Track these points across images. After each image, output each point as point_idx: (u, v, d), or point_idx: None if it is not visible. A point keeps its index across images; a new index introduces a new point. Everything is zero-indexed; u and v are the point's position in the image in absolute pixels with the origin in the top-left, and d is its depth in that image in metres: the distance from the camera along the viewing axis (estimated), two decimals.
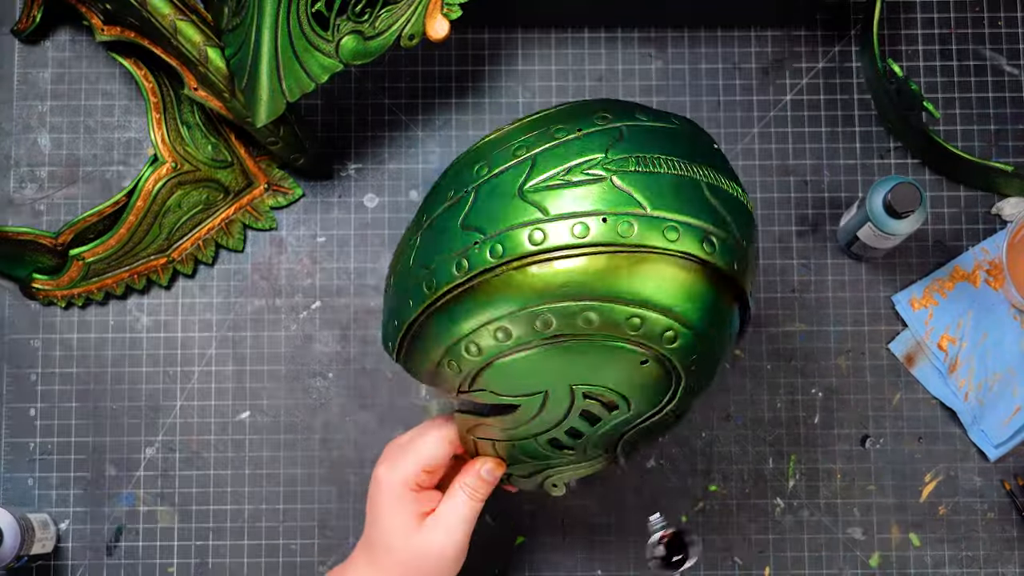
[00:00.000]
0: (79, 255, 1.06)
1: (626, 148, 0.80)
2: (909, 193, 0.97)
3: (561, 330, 0.79)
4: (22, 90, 1.10)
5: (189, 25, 0.99)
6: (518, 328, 0.80)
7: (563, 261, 0.78)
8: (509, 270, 0.79)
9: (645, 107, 0.85)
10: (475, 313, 0.80)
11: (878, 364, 1.08)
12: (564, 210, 0.79)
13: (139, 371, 1.08)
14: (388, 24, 0.99)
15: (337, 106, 1.11)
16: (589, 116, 0.82)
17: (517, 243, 0.78)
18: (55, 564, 1.05)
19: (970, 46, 1.11)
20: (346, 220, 1.09)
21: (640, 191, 0.79)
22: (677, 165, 0.80)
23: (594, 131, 0.81)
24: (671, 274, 0.79)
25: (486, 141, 0.84)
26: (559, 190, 0.79)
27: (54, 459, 1.06)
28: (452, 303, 0.81)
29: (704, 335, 0.81)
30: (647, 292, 0.79)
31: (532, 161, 0.80)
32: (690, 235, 0.79)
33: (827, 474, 1.06)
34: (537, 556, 1.06)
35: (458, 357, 0.82)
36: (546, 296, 0.79)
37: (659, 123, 0.82)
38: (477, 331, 0.80)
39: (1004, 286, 1.07)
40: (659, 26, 1.11)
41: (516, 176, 0.80)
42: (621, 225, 0.78)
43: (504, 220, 0.79)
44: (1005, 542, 1.06)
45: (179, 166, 1.07)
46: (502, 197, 0.80)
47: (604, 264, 0.78)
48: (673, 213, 0.79)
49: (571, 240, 0.78)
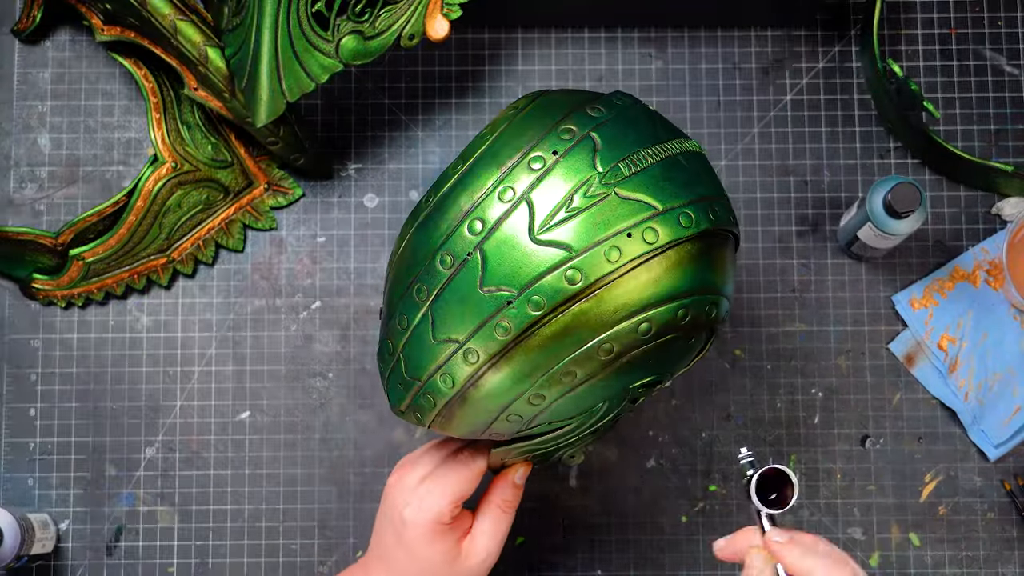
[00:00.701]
0: (79, 255, 1.06)
1: (608, 156, 0.80)
2: (909, 193, 0.97)
3: (621, 351, 0.79)
4: (22, 90, 1.10)
5: (189, 25, 0.99)
6: (582, 367, 0.79)
7: (617, 286, 0.78)
8: (555, 316, 0.78)
9: (579, 93, 0.85)
10: (531, 368, 0.79)
11: (878, 364, 1.08)
12: (588, 241, 0.78)
13: (139, 371, 1.08)
14: (388, 24, 0.99)
15: (337, 106, 1.11)
16: (551, 133, 0.81)
17: (556, 289, 0.78)
18: (55, 564, 1.05)
19: (970, 46, 1.11)
20: (346, 220, 1.09)
21: (644, 193, 0.79)
22: (655, 151, 0.81)
23: (570, 149, 0.80)
24: (698, 257, 0.81)
25: (454, 188, 0.81)
26: (568, 222, 0.78)
27: (54, 459, 1.06)
28: (502, 364, 0.79)
29: (729, 289, 0.84)
30: (686, 284, 0.80)
31: (527, 203, 0.79)
32: (698, 213, 0.81)
33: (827, 474, 1.06)
34: (537, 556, 1.06)
35: (519, 410, 0.81)
36: (600, 327, 0.78)
37: (611, 113, 0.82)
38: (539, 383, 0.80)
39: (1004, 286, 1.07)
40: (659, 26, 1.11)
41: (519, 223, 0.79)
42: (647, 233, 0.79)
43: (530, 271, 0.78)
44: (1005, 542, 1.06)
45: (179, 166, 1.07)
46: (515, 249, 0.78)
47: (644, 276, 0.79)
48: (678, 200, 0.80)
49: (608, 267, 0.78)
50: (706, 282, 0.81)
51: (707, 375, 1.07)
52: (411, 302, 0.81)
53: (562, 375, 0.80)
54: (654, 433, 1.07)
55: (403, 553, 0.88)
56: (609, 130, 0.81)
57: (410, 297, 0.81)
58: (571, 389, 0.81)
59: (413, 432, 1.07)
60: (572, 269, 0.78)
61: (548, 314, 0.78)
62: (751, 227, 1.09)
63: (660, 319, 0.79)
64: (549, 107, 0.83)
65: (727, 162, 1.10)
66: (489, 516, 0.90)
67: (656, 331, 0.79)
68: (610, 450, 1.07)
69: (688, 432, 1.07)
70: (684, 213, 0.80)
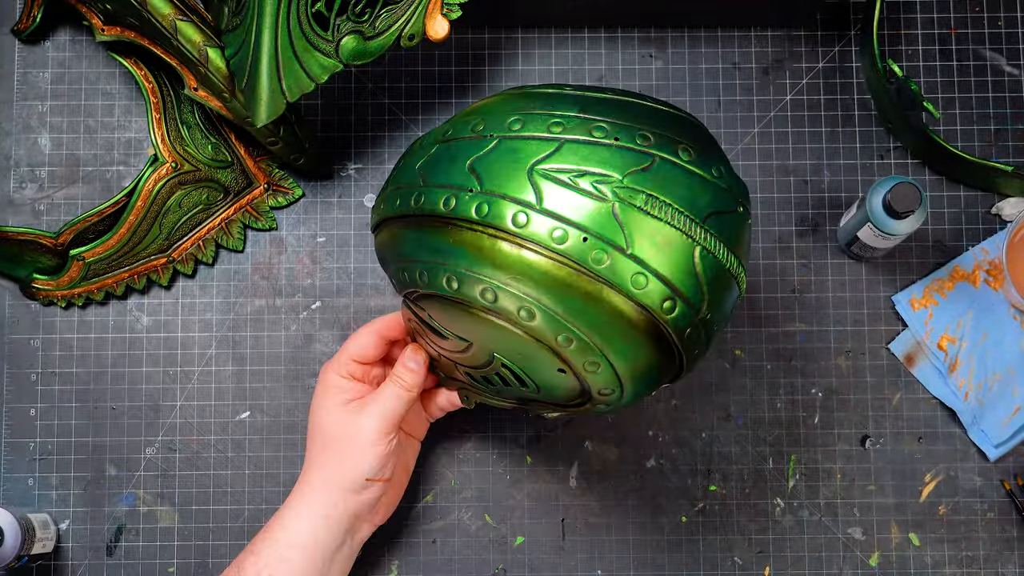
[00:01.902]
0: (79, 255, 1.06)
1: (644, 181, 0.80)
2: (909, 193, 0.97)
3: (502, 309, 0.81)
4: (22, 90, 1.10)
5: (189, 25, 0.99)
6: (466, 287, 0.82)
7: (532, 253, 0.80)
8: (483, 233, 0.80)
9: (701, 139, 0.84)
10: (440, 251, 0.82)
11: (878, 364, 1.08)
12: (556, 209, 0.79)
13: (139, 371, 1.08)
14: (388, 24, 0.99)
15: (337, 106, 1.10)
16: (636, 128, 0.82)
17: (501, 214, 0.80)
18: (55, 564, 1.06)
19: (970, 46, 1.11)
20: (346, 220, 1.09)
21: (632, 230, 0.80)
22: (683, 220, 0.81)
23: (628, 147, 0.81)
24: (622, 316, 0.80)
25: (537, 92, 0.85)
26: (563, 188, 0.80)
27: (54, 459, 1.06)
28: (428, 228, 0.83)
29: (626, 379, 0.83)
30: (592, 321, 0.81)
31: (559, 144, 0.81)
32: (657, 290, 0.80)
33: (827, 474, 1.06)
34: (537, 556, 1.06)
35: (410, 274, 0.85)
36: (502, 275, 0.80)
37: (696, 169, 0.82)
38: (433, 266, 0.83)
39: (1004, 286, 1.07)
40: (659, 26, 1.11)
41: (537, 150, 0.81)
42: (596, 252, 0.79)
43: (502, 186, 0.80)
44: (1005, 542, 1.06)
45: (179, 166, 1.07)
46: (513, 164, 0.81)
47: (565, 277, 0.80)
48: (652, 263, 0.80)
49: (547, 240, 0.79)
50: (606, 340, 0.81)
51: (707, 375, 1.07)
52: (439, 132, 0.86)
53: (449, 277, 0.82)
54: (654, 433, 1.07)
55: (309, 420, 0.97)
56: (670, 173, 0.81)
57: (442, 129, 0.86)
58: (450, 298, 0.84)
59: None
60: (524, 215, 0.79)
61: (479, 224, 0.80)
62: (751, 229, 1.09)
63: (545, 321, 0.81)
64: (669, 120, 0.84)
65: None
66: (385, 386, 0.95)
67: (535, 326, 0.81)
68: (610, 450, 1.07)
69: (688, 432, 1.07)
70: (642, 275, 0.80)
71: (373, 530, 0.99)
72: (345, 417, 0.95)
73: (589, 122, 0.82)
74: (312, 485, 0.96)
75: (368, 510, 0.97)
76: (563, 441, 1.07)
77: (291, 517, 0.95)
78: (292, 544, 0.95)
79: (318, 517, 0.95)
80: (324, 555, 0.95)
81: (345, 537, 0.96)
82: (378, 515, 0.99)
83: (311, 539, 0.95)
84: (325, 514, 0.95)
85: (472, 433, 1.07)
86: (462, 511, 1.06)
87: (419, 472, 1.06)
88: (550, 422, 1.07)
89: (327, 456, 0.95)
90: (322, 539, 0.95)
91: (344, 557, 0.97)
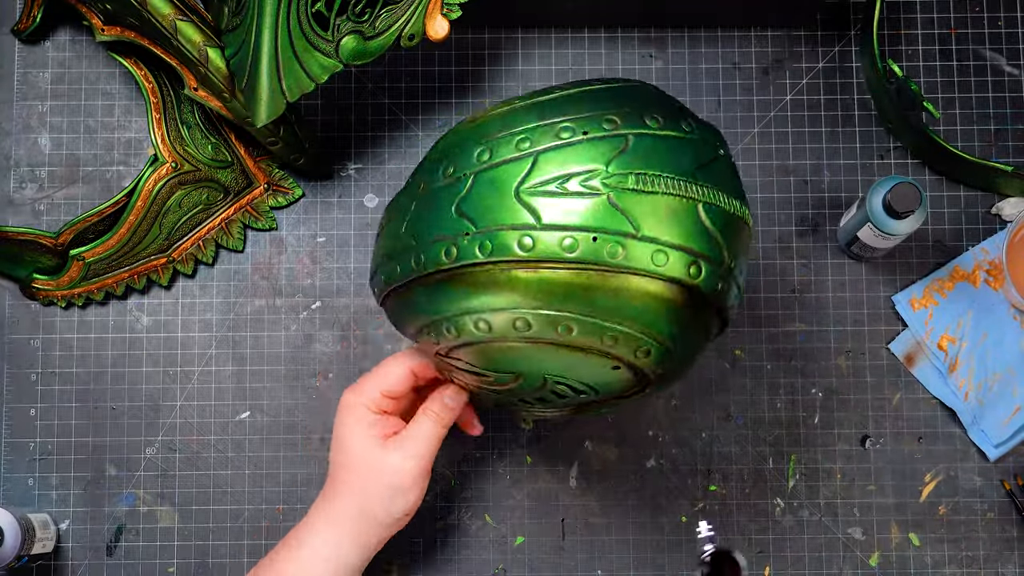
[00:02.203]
0: (79, 255, 1.06)
1: (628, 162, 0.80)
2: (909, 193, 0.97)
3: (539, 335, 0.81)
4: (22, 90, 1.10)
5: (189, 25, 0.99)
6: (498, 324, 0.81)
7: (549, 270, 0.79)
8: (495, 269, 0.80)
9: (660, 101, 0.84)
10: (458, 300, 0.81)
11: (878, 364, 1.08)
12: (557, 220, 0.79)
13: (139, 371, 1.08)
14: (388, 24, 0.99)
15: (337, 106, 1.11)
16: (598, 115, 0.81)
17: (507, 245, 0.79)
18: (55, 564, 1.06)
19: (970, 46, 1.11)
20: (346, 220, 1.09)
21: (634, 212, 0.79)
22: (676, 184, 0.80)
23: (599, 136, 0.81)
24: (654, 297, 0.80)
25: (490, 116, 0.83)
26: (555, 198, 0.79)
27: (54, 459, 1.06)
28: (437, 283, 0.82)
29: (677, 351, 0.83)
30: (628, 312, 0.80)
31: (533, 159, 0.80)
32: (678, 260, 0.80)
33: (827, 474, 1.06)
34: (537, 556, 1.06)
35: (438, 332, 0.84)
36: (528, 300, 0.80)
37: (668, 132, 0.82)
38: (459, 316, 0.82)
39: (1004, 286, 1.07)
40: (659, 26, 1.11)
41: (515, 172, 0.80)
42: (610, 246, 0.79)
43: (497, 218, 0.80)
44: (1005, 542, 1.06)
45: (179, 166, 1.07)
46: (498, 193, 0.80)
47: (588, 281, 0.79)
48: (664, 236, 0.79)
49: (560, 253, 0.79)
50: (648, 324, 0.81)
51: (707, 375, 1.07)
52: (411, 188, 0.86)
53: (478, 321, 0.82)
54: (654, 433, 1.07)
55: (335, 439, 0.94)
56: (647, 144, 0.81)
57: (414, 184, 0.86)
58: (485, 341, 0.82)
59: None
60: (529, 237, 0.79)
61: (488, 263, 0.80)
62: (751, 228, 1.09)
63: (585, 329, 0.80)
64: (622, 96, 0.83)
65: None
66: (416, 421, 0.93)
67: (576, 336, 0.80)
68: (610, 450, 1.07)
69: (688, 432, 1.07)
70: (661, 251, 0.79)
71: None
72: (382, 454, 0.92)
73: (552, 126, 0.81)
74: (344, 512, 0.93)
75: (396, 529, 0.96)
76: (563, 441, 1.07)
77: (316, 538, 0.94)
78: (318, 567, 0.93)
79: (346, 544, 0.94)
80: (348, 573, 0.95)
81: (369, 555, 0.96)
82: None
83: (338, 564, 0.94)
84: (354, 540, 0.94)
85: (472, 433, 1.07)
86: (462, 511, 1.06)
87: None
88: (550, 422, 1.07)
89: (363, 489, 0.93)
90: (352, 562, 0.94)
91: (361, 570, 0.97)
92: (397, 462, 0.92)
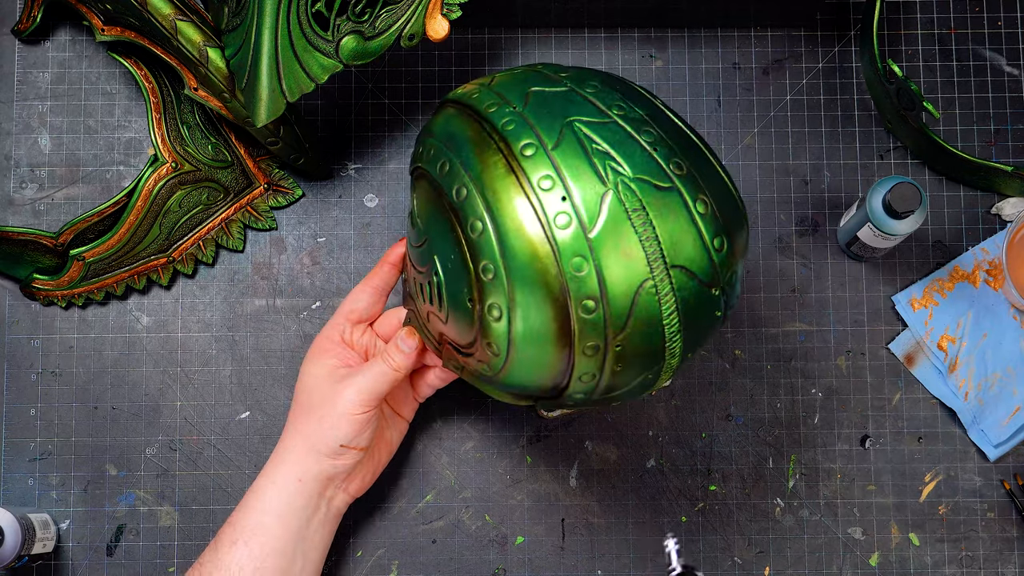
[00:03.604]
0: (79, 255, 1.06)
1: (649, 197, 0.83)
2: (909, 193, 0.97)
3: (466, 212, 0.85)
4: (22, 90, 1.10)
5: (189, 25, 0.99)
6: (449, 177, 0.86)
7: (520, 201, 0.83)
8: (492, 141, 0.85)
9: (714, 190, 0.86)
10: (453, 138, 0.87)
11: (878, 364, 1.08)
12: (560, 162, 0.83)
13: (139, 371, 1.08)
14: (388, 24, 0.99)
15: (337, 106, 1.11)
16: (673, 151, 0.84)
17: (517, 137, 0.84)
18: (55, 564, 1.06)
19: (970, 46, 1.11)
20: (346, 220, 1.09)
21: (617, 236, 0.83)
22: (654, 250, 0.83)
23: (657, 163, 0.83)
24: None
25: (625, 83, 0.88)
26: (578, 149, 0.83)
27: (54, 459, 1.06)
28: (462, 117, 0.87)
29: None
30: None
31: (608, 121, 0.84)
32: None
33: (827, 474, 1.06)
34: (537, 556, 1.06)
35: (425, 149, 0.88)
36: (480, 189, 0.83)
37: (700, 225, 0.84)
38: (440, 150, 0.87)
39: (1004, 286, 1.07)
40: (659, 26, 1.11)
41: (588, 113, 0.84)
42: (577, 260, 0.82)
43: (537, 119, 0.85)
44: (1005, 542, 1.06)
45: (179, 166, 1.07)
46: (561, 109, 0.85)
47: (543, 260, 0.83)
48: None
49: (536, 205, 0.83)
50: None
51: (707, 375, 1.07)
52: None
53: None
54: (654, 433, 1.07)
55: (298, 381, 0.98)
56: (678, 210, 0.83)
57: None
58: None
59: (415, 437, 1.07)
60: (533, 148, 0.82)
61: (496, 134, 0.84)
62: (751, 227, 1.09)
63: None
64: (697, 158, 0.86)
65: (727, 162, 1.10)
66: (371, 360, 0.96)
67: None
68: (610, 450, 1.07)
69: (688, 432, 1.07)
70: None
71: (349, 501, 0.99)
72: (328, 384, 0.96)
73: (643, 124, 0.84)
74: (288, 448, 0.97)
75: (342, 476, 0.97)
76: (563, 441, 1.07)
77: (265, 484, 0.96)
78: (266, 510, 0.95)
79: (292, 481, 0.96)
80: (299, 519, 0.96)
81: (319, 502, 0.97)
82: (353, 485, 0.99)
83: (284, 503, 0.95)
84: (298, 477, 0.96)
85: (472, 433, 1.07)
86: (462, 511, 1.06)
87: (419, 472, 1.06)
88: (550, 422, 1.07)
89: (307, 419, 0.96)
90: (296, 503, 0.96)
91: (320, 523, 0.97)
92: (342, 392, 0.95)
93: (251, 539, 0.95)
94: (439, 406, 1.07)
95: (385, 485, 1.06)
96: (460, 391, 1.06)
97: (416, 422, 1.06)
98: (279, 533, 0.95)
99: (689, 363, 0.94)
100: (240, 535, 0.95)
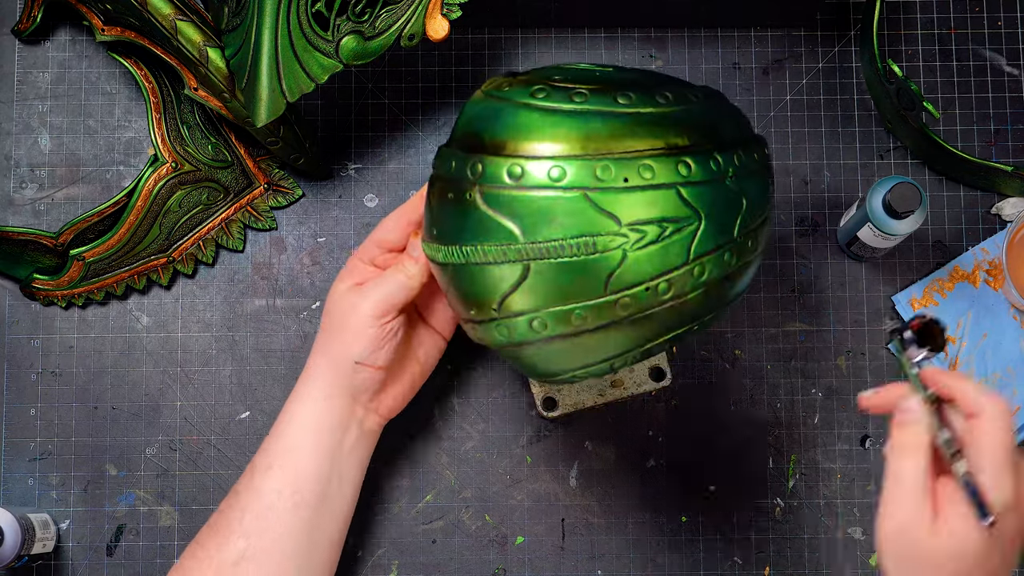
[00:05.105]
0: (79, 255, 1.06)
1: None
2: (909, 193, 0.97)
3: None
4: (22, 90, 1.10)
5: (189, 25, 0.99)
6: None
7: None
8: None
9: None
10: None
11: (878, 364, 1.08)
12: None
13: (139, 371, 1.08)
14: (388, 24, 0.99)
15: (337, 106, 1.11)
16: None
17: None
18: (55, 564, 1.06)
19: (970, 46, 1.11)
20: (346, 220, 1.09)
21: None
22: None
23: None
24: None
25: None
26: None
27: (54, 459, 1.06)
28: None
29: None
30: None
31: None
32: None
33: (827, 474, 1.06)
34: (537, 556, 1.06)
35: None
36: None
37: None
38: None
39: (1004, 286, 1.07)
40: (659, 26, 1.11)
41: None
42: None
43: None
44: None
45: (179, 166, 1.07)
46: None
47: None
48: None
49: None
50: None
51: (707, 375, 1.07)
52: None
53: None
54: (654, 433, 1.07)
55: (327, 300, 0.97)
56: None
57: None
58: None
59: (414, 437, 1.07)
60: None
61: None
62: None
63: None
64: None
65: None
66: (388, 272, 0.95)
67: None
68: (610, 450, 1.07)
69: (688, 432, 1.07)
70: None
71: (382, 423, 0.98)
72: (348, 298, 0.95)
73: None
74: (315, 367, 0.96)
75: (366, 396, 0.96)
76: (563, 441, 1.07)
77: (295, 406, 0.95)
78: (297, 431, 0.94)
79: (320, 399, 0.95)
80: (332, 438, 0.94)
81: (350, 422, 0.96)
82: (384, 405, 0.97)
83: (314, 422, 0.94)
84: (327, 394, 0.95)
85: (472, 433, 1.07)
86: (462, 511, 1.06)
87: (419, 472, 1.06)
88: (550, 422, 1.07)
89: (328, 336, 0.95)
90: (326, 421, 0.94)
91: (354, 444, 0.96)
92: (358, 305, 0.94)
93: (285, 462, 0.94)
94: (439, 406, 1.07)
95: (385, 485, 1.06)
96: (460, 391, 1.06)
97: (416, 422, 1.06)
98: (312, 453, 0.94)
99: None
100: (275, 459, 0.94)
